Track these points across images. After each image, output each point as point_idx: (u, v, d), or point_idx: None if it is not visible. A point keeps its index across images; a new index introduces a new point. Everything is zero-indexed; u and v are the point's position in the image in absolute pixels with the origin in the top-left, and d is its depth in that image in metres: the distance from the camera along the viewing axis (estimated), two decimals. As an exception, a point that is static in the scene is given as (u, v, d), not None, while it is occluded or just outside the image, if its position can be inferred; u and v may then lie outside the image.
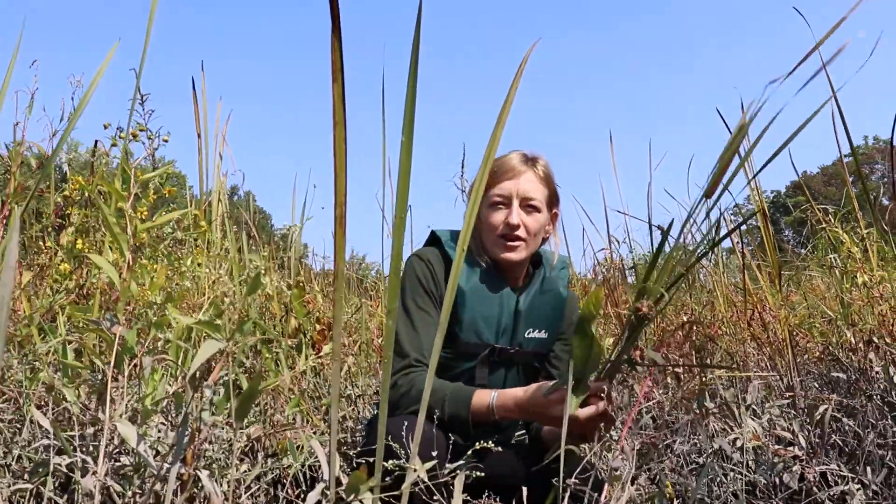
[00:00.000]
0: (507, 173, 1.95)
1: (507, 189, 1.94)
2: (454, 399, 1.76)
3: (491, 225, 1.95)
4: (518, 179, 1.95)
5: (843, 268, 2.92)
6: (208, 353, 0.87)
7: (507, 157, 1.99)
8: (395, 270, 0.89)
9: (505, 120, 1.11)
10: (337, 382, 0.85)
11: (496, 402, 1.74)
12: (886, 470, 2.24)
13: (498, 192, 1.95)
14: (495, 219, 1.95)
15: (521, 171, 1.96)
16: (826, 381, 2.92)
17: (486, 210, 1.97)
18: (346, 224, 0.87)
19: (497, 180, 1.95)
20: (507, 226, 1.93)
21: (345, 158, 0.86)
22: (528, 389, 1.70)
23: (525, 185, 1.95)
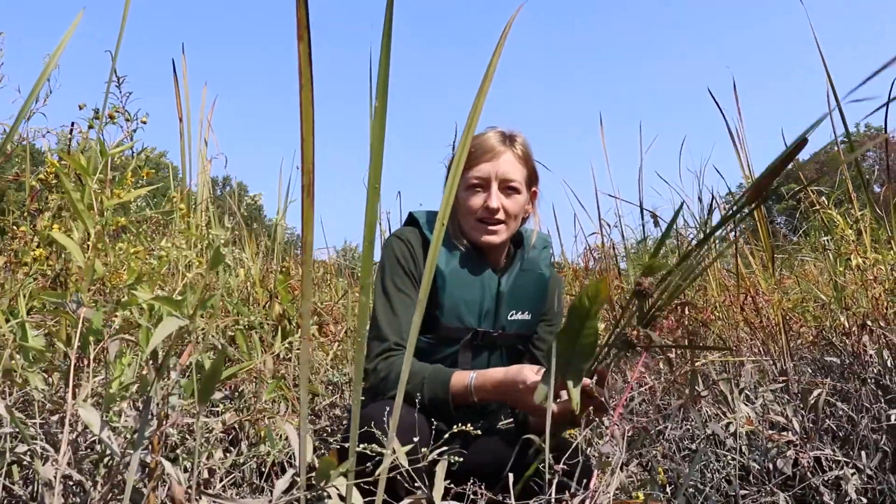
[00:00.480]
0: (485, 154, 1.89)
1: (485, 171, 1.89)
2: (433, 381, 1.72)
3: (469, 208, 1.90)
4: (496, 161, 1.89)
5: (836, 250, 2.88)
6: (168, 330, 0.82)
7: (485, 137, 1.93)
8: (367, 241, 0.84)
9: (487, 89, 1.06)
10: (306, 362, 0.80)
11: (475, 383, 1.69)
12: (881, 454, 2.21)
13: (476, 174, 1.89)
14: (474, 202, 1.89)
15: (500, 151, 1.90)
16: (819, 365, 2.89)
17: (463, 193, 1.92)
18: (314, 193, 0.81)
19: (475, 162, 1.89)
20: (486, 209, 1.88)
21: (312, 122, 0.80)
22: (508, 371, 1.66)
23: (504, 166, 1.89)
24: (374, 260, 0.86)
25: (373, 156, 0.86)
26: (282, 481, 0.87)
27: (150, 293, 1.14)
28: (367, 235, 0.86)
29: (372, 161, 0.86)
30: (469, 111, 1.06)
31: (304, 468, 0.81)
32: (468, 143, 1.03)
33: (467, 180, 1.90)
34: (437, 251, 0.96)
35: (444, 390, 1.71)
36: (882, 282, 2.63)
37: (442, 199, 1.01)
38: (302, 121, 0.80)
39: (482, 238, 1.90)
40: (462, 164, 1.02)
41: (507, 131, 1.96)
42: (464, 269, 1.89)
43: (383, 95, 0.88)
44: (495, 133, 1.94)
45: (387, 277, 1.86)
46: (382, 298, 1.85)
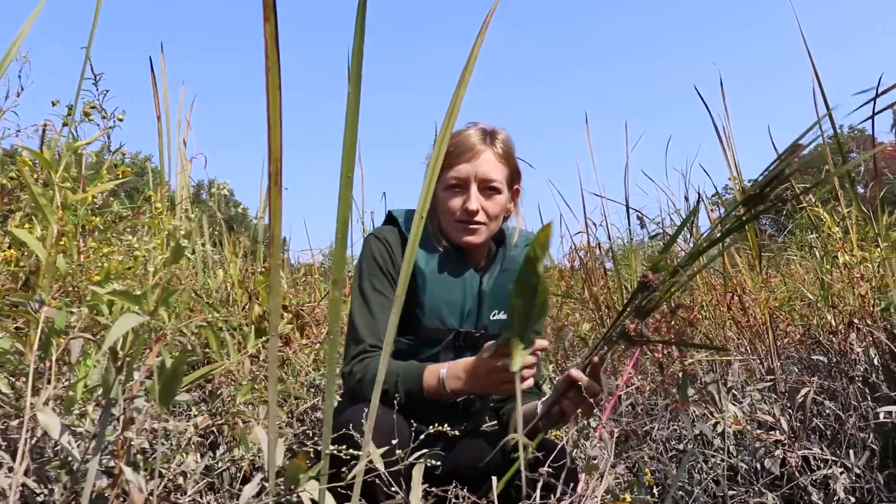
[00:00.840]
0: (465, 154, 1.83)
1: (464, 172, 1.83)
2: (406, 376, 1.67)
3: (449, 209, 1.85)
4: (476, 161, 1.83)
5: (823, 248, 2.86)
6: (126, 326, 0.77)
7: (465, 135, 1.87)
8: (340, 235, 0.80)
9: (468, 79, 1.02)
10: (275, 360, 0.75)
11: (446, 374, 1.65)
12: (869, 452, 2.19)
13: (455, 174, 1.83)
14: (453, 203, 1.84)
15: (480, 150, 1.84)
16: (806, 364, 2.87)
17: (443, 193, 1.86)
18: (282, 182, 0.77)
19: (454, 161, 1.83)
20: (466, 211, 1.83)
21: (279, 108, 0.76)
22: (477, 356, 1.60)
23: (484, 166, 1.83)
24: (346, 253, 0.81)
25: (346, 144, 0.82)
26: (250, 486, 0.82)
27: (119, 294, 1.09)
28: (340, 229, 0.81)
29: (345, 149, 0.82)
30: (449, 103, 1.02)
31: (274, 472, 0.76)
32: (447, 137, 0.99)
33: (447, 181, 1.84)
34: (415, 245, 0.92)
35: (417, 385, 1.66)
36: (869, 279, 2.61)
37: (420, 193, 0.97)
38: (269, 106, 0.76)
39: (462, 239, 1.85)
40: (441, 158, 0.98)
41: (487, 128, 1.90)
42: (444, 268, 1.84)
43: (356, 81, 0.84)
44: (476, 130, 1.88)
45: (364, 278, 1.82)
46: (359, 299, 1.80)
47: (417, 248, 1.85)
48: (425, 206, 0.93)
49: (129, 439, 0.83)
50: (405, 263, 0.90)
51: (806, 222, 3.17)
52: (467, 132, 1.88)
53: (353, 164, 0.82)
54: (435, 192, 1.89)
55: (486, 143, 1.86)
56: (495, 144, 1.88)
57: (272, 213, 0.75)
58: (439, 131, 0.99)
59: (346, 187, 0.81)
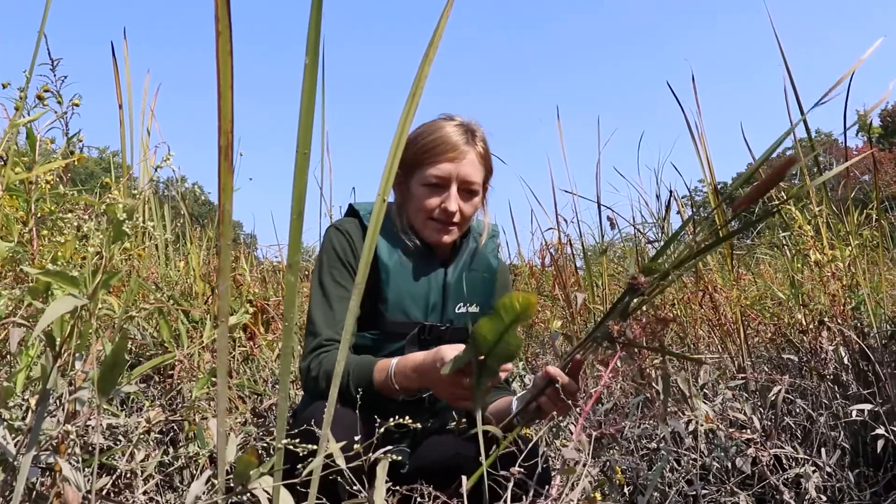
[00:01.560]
0: (449, 153, 1.77)
1: (446, 171, 1.77)
2: (357, 372, 1.62)
3: (424, 206, 1.78)
4: (460, 162, 1.77)
5: (794, 246, 2.85)
6: (61, 310, 0.71)
7: (447, 132, 1.80)
8: (296, 214, 0.75)
9: (432, 57, 0.97)
10: (224, 348, 0.70)
11: (395, 369, 1.59)
12: (839, 451, 2.18)
13: (437, 173, 1.77)
14: (431, 202, 1.78)
15: (464, 151, 1.78)
16: (777, 363, 2.86)
17: (420, 188, 1.79)
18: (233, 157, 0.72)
19: (436, 159, 1.77)
20: (444, 212, 1.77)
21: (230, 76, 0.70)
22: (428, 354, 1.54)
23: (466, 168, 1.78)
24: (301, 234, 0.76)
25: (302, 118, 0.77)
26: (197, 484, 0.77)
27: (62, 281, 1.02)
28: (296, 207, 0.76)
29: (301, 124, 0.77)
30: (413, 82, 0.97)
31: (223, 468, 0.71)
32: (410, 117, 0.94)
33: (426, 177, 1.78)
34: (377, 229, 0.87)
35: (367, 380, 1.61)
36: (840, 278, 2.60)
37: (381, 176, 0.92)
38: (219, 73, 0.70)
39: (436, 238, 1.80)
40: (403, 138, 0.93)
41: (466, 123, 1.84)
42: (408, 260, 1.79)
43: (314, 52, 0.78)
44: (456, 127, 1.82)
45: (324, 270, 1.76)
46: (318, 292, 1.74)
47: (381, 239, 1.81)
48: (386, 188, 0.88)
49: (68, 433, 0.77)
50: (366, 248, 0.85)
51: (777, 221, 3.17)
52: (448, 129, 1.81)
53: (309, 139, 0.76)
54: (408, 187, 1.84)
55: (469, 143, 1.81)
56: (477, 144, 1.83)
57: (222, 189, 0.70)
58: (402, 111, 0.94)
59: (301, 163, 0.75)
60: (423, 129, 1.83)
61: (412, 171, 1.82)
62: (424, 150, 1.78)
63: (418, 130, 1.83)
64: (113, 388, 0.72)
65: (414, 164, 1.80)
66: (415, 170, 1.81)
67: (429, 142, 1.78)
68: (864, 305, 2.48)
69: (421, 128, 1.84)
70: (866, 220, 3.08)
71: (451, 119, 1.85)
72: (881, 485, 2.07)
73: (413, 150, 1.80)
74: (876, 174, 2.83)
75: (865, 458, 2.21)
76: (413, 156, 1.80)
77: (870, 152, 2.72)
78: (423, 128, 1.83)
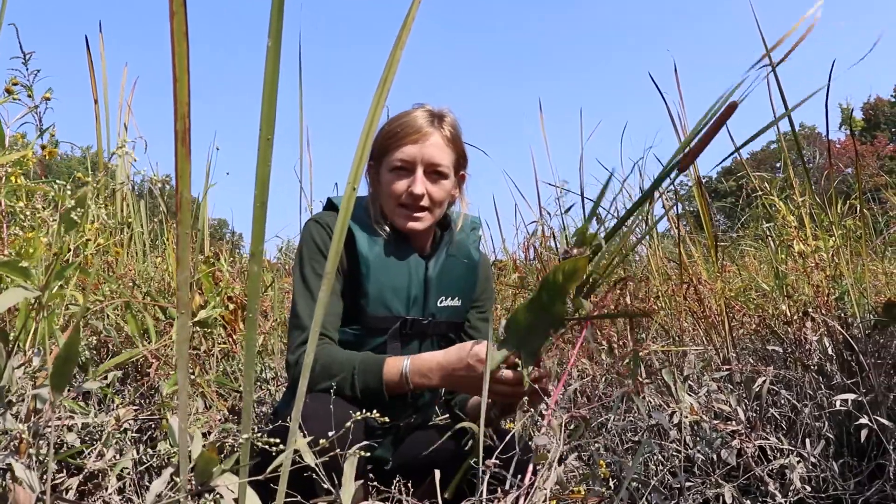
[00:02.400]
0: (412, 136, 1.76)
1: (410, 154, 1.75)
2: (364, 370, 1.60)
3: (392, 192, 1.77)
4: (423, 143, 1.76)
5: (778, 237, 2.85)
6: (9, 301, 0.68)
7: (412, 116, 1.79)
8: (259, 202, 0.72)
9: (405, 40, 0.94)
10: (185, 340, 0.67)
11: (409, 369, 1.59)
12: (824, 441, 2.18)
13: (400, 156, 1.75)
14: (398, 186, 1.76)
15: (427, 133, 1.76)
16: (762, 354, 2.86)
17: (387, 174, 1.78)
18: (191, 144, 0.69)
19: (400, 143, 1.75)
20: (410, 195, 1.75)
21: (186, 59, 0.68)
22: (448, 352, 1.57)
23: (431, 150, 1.76)
24: (265, 223, 0.73)
25: (265, 102, 0.74)
26: (158, 482, 0.74)
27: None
28: (259, 195, 0.73)
29: (264, 108, 0.74)
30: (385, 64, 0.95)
31: (185, 466, 0.68)
32: (382, 101, 0.91)
33: (391, 162, 1.77)
34: (346, 217, 0.84)
35: (376, 379, 1.59)
36: (823, 268, 2.60)
37: (352, 164, 0.89)
38: (174, 56, 0.68)
39: (406, 225, 1.78)
40: (375, 123, 0.90)
41: (435, 110, 1.83)
42: (388, 254, 1.77)
43: (276, 34, 0.75)
44: (423, 112, 1.80)
45: (306, 264, 1.73)
46: (301, 286, 1.72)
47: (360, 234, 1.78)
48: (356, 177, 0.86)
49: (20, 431, 0.74)
50: (336, 236, 0.82)
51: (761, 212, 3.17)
52: (414, 113, 1.80)
53: (272, 124, 0.74)
54: (378, 174, 1.82)
55: (433, 125, 1.79)
56: (443, 127, 1.80)
57: (179, 175, 0.67)
58: (374, 96, 0.91)
59: (265, 149, 0.73)
60: (392, 117, 1.82)
61: (381, 158, 1.81)
62: (390, 136, 1.78)
63: (387, 121, 1.83)
64: (66, 384, 0.69)
65: (382, 151, 1.80)
66: (383, 157, 1.80)
67: (394, 127, 1.78)
68: (848, 296, 2.48)
69: (389, 119, 1.83)
70: (849, 210, 3.08)
71: (421, 106, 1.84)
72: (864, 474, 2.07)
73: (380, 137, 1.80)
74: (858, 166, 2.83)
75: (849, 447, 2.20)
76: (381, 143, 1.80)
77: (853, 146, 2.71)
78: (393, 117, 1.83)
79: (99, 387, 1.06)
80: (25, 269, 0.71)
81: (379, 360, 1.62)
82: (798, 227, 2.66)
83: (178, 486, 0.67)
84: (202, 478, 0.68)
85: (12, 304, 0.68)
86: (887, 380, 2.21)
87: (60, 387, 0.68)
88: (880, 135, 44.72)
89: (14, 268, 0.71)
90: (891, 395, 2.15)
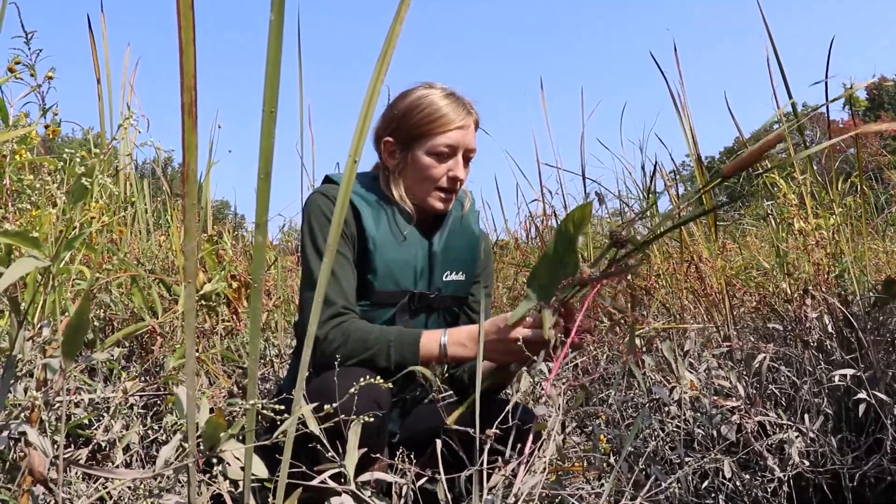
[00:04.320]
0: (458, 123, 1.80)
1: (455, 140, 1.80)
2: (400, 344, 1.62)
3: (432, 175, 1.80)
4: (466, 131, 1.82)
5: (779, 215, 2.86)
6: (21, 271, 0.70)
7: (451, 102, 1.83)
8: (263, 174, 0.73)
9: (404, 15, 0.95)
10: (192, 309, 0.68)
11: (448, 340, 1.62)
12: (822, 417, 2.20)
13: (447, 141, 1.79)
14: (439, 170, 1.80)
15: (469, 122, 1.83)
16: (762, 333, 2.87)
17: (425, 157, 1.81)
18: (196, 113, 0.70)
19: (446, 128, 1.79)
20: (451, 180, 1.81)
21: (192, 31, 0.68)
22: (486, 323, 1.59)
23: (470, 136, 1.84)
24: (269, 195, 0.74)
25: (268, 76, 0.75)
26: (167, 448, 0.75)
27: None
28: (263, 167, 0.74)
29: (267, 82, 0.75)
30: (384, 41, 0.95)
31: (193, 432, 0.70)
32: (381, 78, 0.92)
33: (434, 147, 1.79)
34: (348, 190, 0.86)
35: (413, 353, 1.62)
36: (824, 246, 2.61)
37: (352, 137, 0.90)
38: (180, 29, 0.68)
39: (438, 206, 1.83)
40: (375, 98, 0.91)
41: (465, 98, 1.88)
42: (394, 230, 1.79)
43: (279, 8, 0.76)
44: (455, 98, 1.85)
45: (317, 237, 1.74)
46: (317, 261, 1.72)
47: (366, 210, 1.80)
48: (358, 149, 0.87)
49: (33, 398, 0.76)
50: (338, 209, 0.84)
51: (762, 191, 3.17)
52: (449, 99, 1.83)
53: (275, 97, 0.75)
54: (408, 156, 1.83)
55: (471, 113, 1.85)
56: (473, 114, 1.87)
57: (185, 147, 0.68)
58: (374, 70, 0.91)
59: (268, 122, 0.74)
60: (416, 99, 1.83)
61: (415, 140, 1.82)
62: (431, 120, 1.80)
63: (412, 101, 1.83)
64: (77, 351, 0.70)
65: (420, 134, 1.81)
66: (419, 140, 1.81)
67: (433, 111, 1.80)
68: (848, 273, 2.49)
69: (412, 98, 1.84)
70: (850, 189, 3.08)
71: (443, 88, 1.87)
72: (862, 449, 2.09)
73: (415, 119, 1.81)
74: (858, 145, 2.83)
75: (848, 423, 2.22)
76: (415, 125, 1.81)
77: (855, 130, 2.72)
78: (416, 98, 1.83)
79: (107, 359, 1.08)
80: (35, 240, 0.72)
81: (415, 334, 1.64)
82: (799, 206, 2.66)
83: (187, 451, 0.69)
84: (210, 443, 0.69)
85: (24, 272, 0.69)
86: (886, 356, 2.23)
87: (71, 353, 0.70)
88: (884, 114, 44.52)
89: (25, 238, 0.72)
90: (889, 372, 2.17)
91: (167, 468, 0.70)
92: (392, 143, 1.84)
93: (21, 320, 0.74)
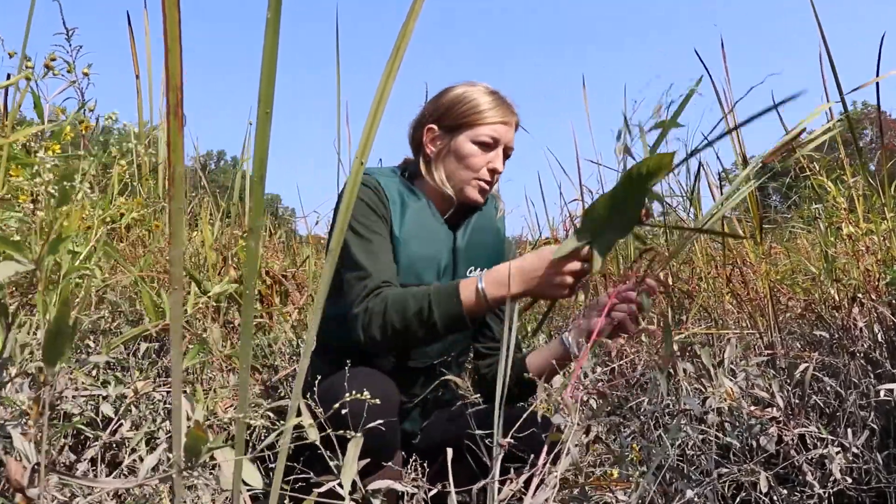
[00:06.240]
0: (506, 116, 1.83)
1: (500, 133, 1.82)
2: (438, 296, 1.58)
3: (474, 164, 1.81)
4: (510, 127, 1.85)
5: (827, 219, 2.75)
6: (3, 275, 0.68)
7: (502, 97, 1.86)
8: (258, 177, 0.70)
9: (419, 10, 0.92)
10: (179, 316, 0.66)
11: (485, 282, 1.56)
12: (868, 432, 2.10)
13: (493, 133, 1.81)
14: (480, 160, 1.82)
15: (512, 120, 1.85)
16: (808, 340, 2.77)
17: (469, 145, 1.81)
18: (183, 115, 0.67)
19: (494, 119, 1.81)
20: (492, 172, 1.83)
21: (178, 29, 0.66)
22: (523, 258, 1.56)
23: (511, 134, 1.86)
24: (263, 198, 0.72)
25: (264, 75, 0.72)
26: (151, 457, 0.74)
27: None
28: (257, 170, 0.72)
29: (263, 81, 0.72)
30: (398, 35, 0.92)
31: (179, 442, 0.68)
32: (394, 71, 0.89)
33: (480, 135, 1.81)
34: (354, 192, 0.83)
35: (454, 302, 1.57)
36: (874, 252, 2.50)
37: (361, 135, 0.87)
38: (166, 27, 0.66)
39: (475, 195, 1.84)
40: (388, 89, 0.88)
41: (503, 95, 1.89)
42: (418, 225, 1.78)
43: (276, 7, 0.74)
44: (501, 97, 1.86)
45: (359, 220, 1.72)
46: (357, 241, 1.70)
47: (393, 204, 1.78)
48: (365, 151, 0.84)
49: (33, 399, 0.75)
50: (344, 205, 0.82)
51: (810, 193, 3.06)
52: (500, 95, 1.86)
53: (271, 97, 0.72)
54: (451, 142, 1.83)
55: (514, 112, 1.87)
56: (515, 114, 1.89)
57: (171, 148, 0.66)
58: (385, 68, 0.88)
59: (263, 123, 0.71)
60: (463, 92, 1.84)
61: (459, 129, 1.82)
62: (478, 111, 1.81)
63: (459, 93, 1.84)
64: (59, 358, 0.69)
65: (465, 122, 1.81)
66: (463, 128, 1.82)
67: (480, 103, 1.81)
68: (900, 281, 2.38)
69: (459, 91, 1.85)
70: (905, 192, 2.95)
71: (487, 87, 1.87)
72: (910, 467, 2.00)
73: (462, 108, 1.82)
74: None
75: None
76: (462, 114, 1.81)
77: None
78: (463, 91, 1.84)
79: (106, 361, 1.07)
80: (17, 243, 0.70)
81: (453, 284, 1.60)
82: (848, 210, 2.56)
83: (171, 462, 0.67)
84: (191, 454, 0.67)
85: (3, 277, 0.68)
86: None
87: (53, 360, 0.68)
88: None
89: (6, 242, 0.71)
90: (941, 386, 2.07)
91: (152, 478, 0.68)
92: (436, 129, 1.85)
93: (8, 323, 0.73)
